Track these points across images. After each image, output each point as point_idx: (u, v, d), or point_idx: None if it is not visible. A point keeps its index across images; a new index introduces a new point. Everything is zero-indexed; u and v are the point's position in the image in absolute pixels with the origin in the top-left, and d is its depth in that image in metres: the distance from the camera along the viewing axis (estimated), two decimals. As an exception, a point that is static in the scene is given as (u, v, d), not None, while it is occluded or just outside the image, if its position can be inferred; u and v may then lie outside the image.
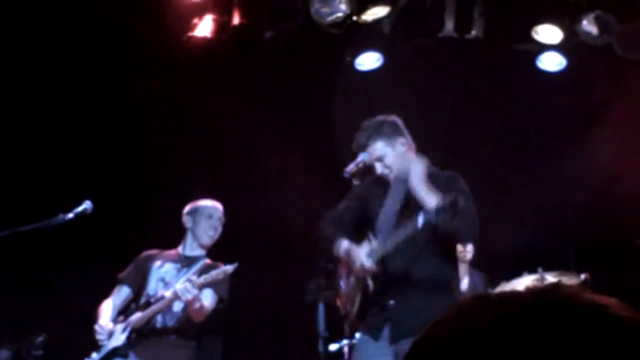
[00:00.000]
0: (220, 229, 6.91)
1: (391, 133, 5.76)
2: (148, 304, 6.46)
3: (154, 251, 6.91)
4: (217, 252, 6.90)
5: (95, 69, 8.76)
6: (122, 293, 6.77)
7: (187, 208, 6.95)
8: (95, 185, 7.72)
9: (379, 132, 5.74)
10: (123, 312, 6.64)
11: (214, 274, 6.23)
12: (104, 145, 8.87)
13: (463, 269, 7.36)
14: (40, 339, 7.12)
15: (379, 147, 5.70)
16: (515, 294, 1.11)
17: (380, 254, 5.50)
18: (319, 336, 5.56)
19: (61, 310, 7.12)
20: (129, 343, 6.36)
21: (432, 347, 1.10)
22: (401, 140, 5.76)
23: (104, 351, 6.39)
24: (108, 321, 6.51)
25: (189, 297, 6.17)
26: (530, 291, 1.11)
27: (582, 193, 8.39)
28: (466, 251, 7.37)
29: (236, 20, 8.38)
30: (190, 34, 8.40)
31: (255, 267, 8.70)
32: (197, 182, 8.58)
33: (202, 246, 6.84)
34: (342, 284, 5.80)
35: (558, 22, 8.04)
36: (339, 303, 5.78)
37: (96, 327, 6.48)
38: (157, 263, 6.75)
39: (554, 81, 8.44)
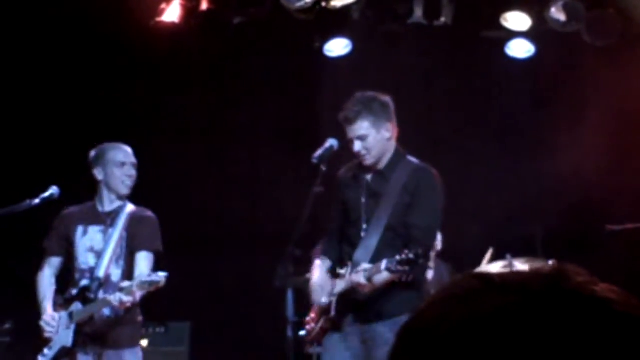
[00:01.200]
0: (135, 174, 6.43)
1: (380, 115, 5.77)
2: (86, 290, 6.28)
3: (71, 210, 6.52)
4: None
5: (61, 56, 8.70)
6: (52, 264, 6.51)
7: (91, 156, 6.46)
8: (61, 171, 7.65)
9: (368, 109, 5.74)
10: (59, 285, 6.49)
11: (146, 283, 5.92)
12: (71, 130, 8.80)
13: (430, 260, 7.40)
14: (7, 325, 7.07)
15: (364, 126, 5.70)
16: (519, 277, 1.06)
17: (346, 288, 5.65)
18: (288, 321, 5.56)
19: (27, 297, 7.04)
20: (76, 343, 6.25)
21: (427, 330, 1.04)
22: (387, 125, 5.78)
23: (54, 349, 6.29)
24: (51, 312, 6.31)
25: (128, 305, 6.06)
26: (535, 274, 1.07)
27: (550, 179, 8.43)
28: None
29: (204, 5, 8.34)
30: (157, 19, 8.34)
31: (223, 252, 8.70)
32: (164, 167, 8.54)
33: (120, 197, 6.46)
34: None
35: (527, 9, 8.06)
36: (311, 315, 5.86)
37: (41, 323, 6.28)
38: (80, 229, 6.42)
39: (522, 68, 8.47)
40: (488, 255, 7.40)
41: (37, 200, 6.18)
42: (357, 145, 5.70)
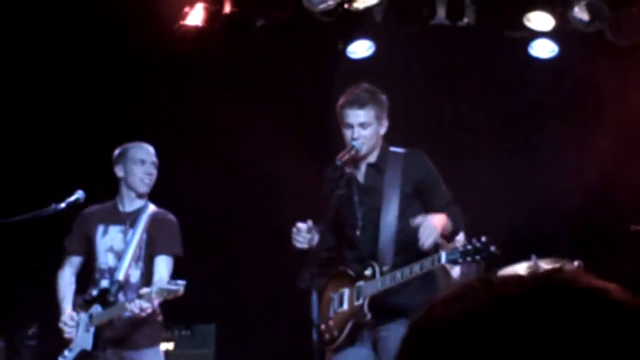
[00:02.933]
0: (155, 173, 6.50)
1: (383, 108, 5.81)
2: (106, 292, 6.30)
3: (92, 209, 6.56)
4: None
5: (85, 59, 8.74)
6: (73, 263, 6.56)
7: (114, 153, 6.56)
8: (86, 175, 7.68)
9: (375, 100, 5.76)
10: (79, 284, 6.54)
11: (164, 290, 5.96)
12: (94, 133, 8.84)
13: None
14: (32, 329, 7.10)
15: (371, 114, 5.72)
16: (516, 277, 1.10)
17: (381, 289, 5.59)
18: (313, 324, 5.56)
19: (52, 301, 7.08)
20: (96, 346, 6.27)
21: (430, 328, 1.09)
22: (385, 121, 5.80)
23: (75, 351, 6.31)
24: (69, 312, 6.36)
25: (148, 312, 6.07)
26: (532, 275, 1.11)
27: (575, 180, 8.40)
28: (456, 241, 7.35)
29: (227, 8, 8.36)
30: (181, 22, 8.37)
31: (248, 254, 8.71)
32: (189, 170, 8.58)
33: (140, 196, 6.51)
34: (331, 308, 5.83)
35: (550, 9, 8.04)
36: (322, 328, 5.77)
37: (61, 325, 6.33)
38: (100, 229, 6.46)
39: (545, 68, 8.44)
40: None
41: (63, 205, 6.20)
42: (357, 132, 5.69)
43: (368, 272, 5.70)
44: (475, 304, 1.06)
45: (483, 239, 5.27)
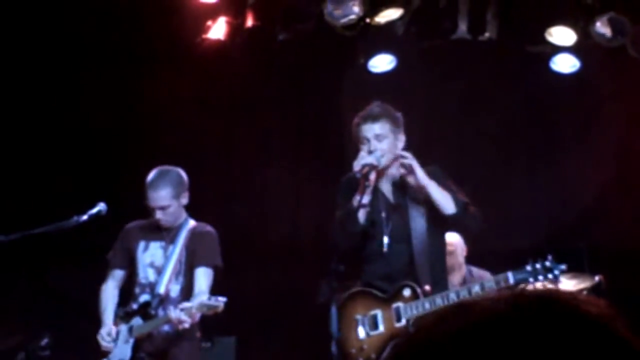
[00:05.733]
0: (168, 211, 6.42)
1: (398, 124, 5.85)
2: (147, 306, 6.36)
3: (134, 224, 6.68)
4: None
5: (107, 71, 8.80)
6: (116, 277, 6.65)
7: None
8: (105, 188, 7.73)
9: (389, 115, 5.81)
10: (121, 298, 6.60)
11: (205, 306, 6.03)
12: (115, 145, 8.90)
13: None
14: (45, 340, 7.12)
15: (386, 127, 5.75)
16: (487, 301, 1.12)
17: (430, 310, 5.57)
18: (332, 337, 5.56)
19: (64, 311, 7.13)
20: (134, 357, 6.33)
21: (410, 349, 1.13)
22: (402, 137, 5.81)
23: None
24: (109, 326, 6.44)
25: (186, 325, 6.11)
26: (527, 291, 1.12)
27: (596, 194, 8.38)
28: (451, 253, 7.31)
29: (249, 22, 8.40)
30: (203, 36, 8.42)
31: (268, 268, 8.73)
32: (207, 182, 8.61)
33: None
34: (361, 330, 5.75)
35: (571, 24, 8.02)
36: (352, 352, 5.71)
37: (99, 337, 6.40)
38: (142, 245, 6.56)
39: (567, 83, 8.42)
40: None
41: (85, 217, 6.23)
42: (374, 144, 5.71)
43: (406, 292, 5.64)
44: (469, 316, 1.08)
45: (550, 257, 5.27)
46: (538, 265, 5.27)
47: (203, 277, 6.40)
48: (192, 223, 6.60)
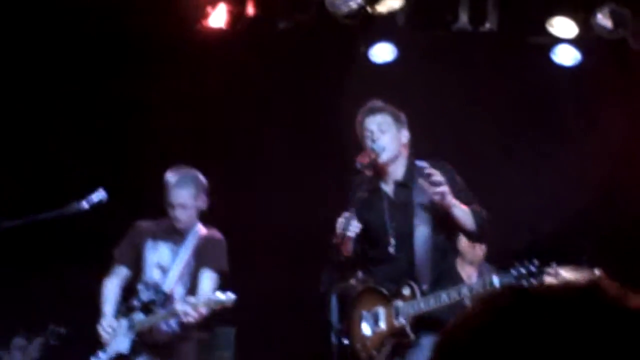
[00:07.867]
0: (187, 208, 6.51)
1: (400, 118, 5.88)
2: (151, 304, 6.35)
3: (144, 223, 6.72)
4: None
5: (106, 58, 8.77)
6: (120, 274, 6.65)
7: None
8: (107, 175, 7.71)
9: (390, 110, 5.83)
10: (124, 294, 6.59)
11: (212, 301, 6.06)
12: (115, 134, 8.89)
13: (473, 265, 7.39)
14: (61, 330, 7.12)
15: (387, 120, 5.76)
16: (553, 291, 1.11)
17: (424, 309, 5.57)
18: (332, 328, 5.56)
19: (78, 302, 7.11)
20: (133, 350, 6.32)
21: (464, 343, 1.12)
22: (405, 131, 5.82)
23: (109, 353, 6.35)
24: (111, 318, 6.43)
25: (191, 320, 6.10)
26: (569, 288, 1.11)
27: (596, 187, 8.37)
28: (473, 247, 7.34)
29: (250, 10, 8.38)
30: (203, 22, 8.38)
31: (268, 256, 8.72)
32: (207, 174, 8.58)
33: None
34: (365, 327, 5.77)
35: (572, 16, 8.01)
36: (357, 347, 5.73)
37: (99, 327, 6.40)
38: (150, 243, 6.58)
39: (568, 75, 8.41)
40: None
41: (86, 205, 6.18)
42: (377, 135, 5.71)
43: (406, 291, 5.66)
44: (513, 321, 1.07)
45: (536, 262, 5.26)
46: (523, 270, 5.26)
47: (208, 280, 6.44)
48: (202, 228, 6.63)
